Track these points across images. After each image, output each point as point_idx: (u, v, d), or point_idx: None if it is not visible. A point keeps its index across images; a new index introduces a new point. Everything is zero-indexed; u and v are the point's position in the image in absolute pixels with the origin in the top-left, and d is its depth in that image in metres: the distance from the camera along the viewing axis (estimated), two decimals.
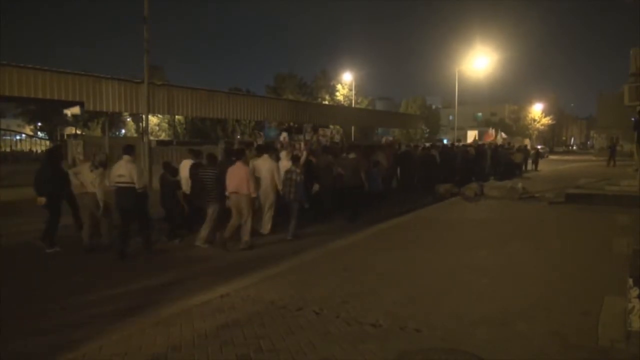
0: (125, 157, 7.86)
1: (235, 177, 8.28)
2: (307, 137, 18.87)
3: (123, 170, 7.72)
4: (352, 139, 36.30)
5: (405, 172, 16.57)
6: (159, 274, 6.72)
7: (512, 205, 12.98)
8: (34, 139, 29.09)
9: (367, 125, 39.50)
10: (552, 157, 37.82)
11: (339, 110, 38.04)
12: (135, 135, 45.87)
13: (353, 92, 48.04)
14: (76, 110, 17.31)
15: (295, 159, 9.67)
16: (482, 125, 66.46)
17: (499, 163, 22.37)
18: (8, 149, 23.78)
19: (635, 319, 4.01)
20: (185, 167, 9.36)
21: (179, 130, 46.54)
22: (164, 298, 5.59)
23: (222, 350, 3.97)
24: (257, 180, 8.80)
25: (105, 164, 8.27)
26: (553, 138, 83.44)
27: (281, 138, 15.81)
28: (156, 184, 9.96)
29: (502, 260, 7.08)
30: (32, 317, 5.11)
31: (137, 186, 7.70)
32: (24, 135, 30.54)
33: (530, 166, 27.51)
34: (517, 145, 30.60)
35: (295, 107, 29.94)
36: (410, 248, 7.85)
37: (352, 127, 39.50)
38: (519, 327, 4.43)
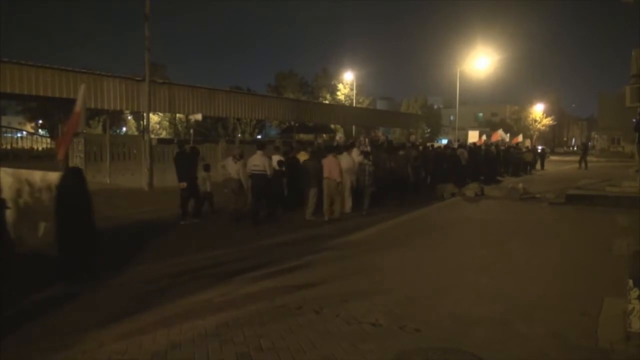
0: (259, 152, 10.64)
1: (329, 166, 10.94)
2: (361, 138, 21.94)
3: (258, 161, 10.43)
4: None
5: (436, 169, 17.53)
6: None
7: (512, 206, 12.99)
8: (35, 136, 29.10)
9: (368, 124, 39.47)
10: (553, 157, 37.84)
11: (340, 110, 38.05)
12: (136, 133, 45.89)
13: (354, 91, 48.02)
14: (198, 116, 18.19)
15: (365, 154, 12.42)
16: (482, 126, 66.47)
17: (509, 162, 23.81)
18: (9, 147, 23.78)
19: (635, 320, 4.02)
20: (275, 160, 11.67)
21: (180, 128, 46.55)
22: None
23: (222, 349, 3.98)
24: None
25: (242, 156, 11.07)
26: (554, 139, 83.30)
27: (337, 138, 17.62)
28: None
29: (502, 260, 7.09)
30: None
31: (267, 173, 10.36)
32: (24, 132, 30.54)
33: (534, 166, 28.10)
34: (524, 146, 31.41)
35: (296, 106, 29.94)
36: (410, 248, 7.86)
37: (353, 127, 39.49)
38: (519, 327, 4.44)
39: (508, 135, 32.19)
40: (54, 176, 6.89)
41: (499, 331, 4.35)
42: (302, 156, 12.47)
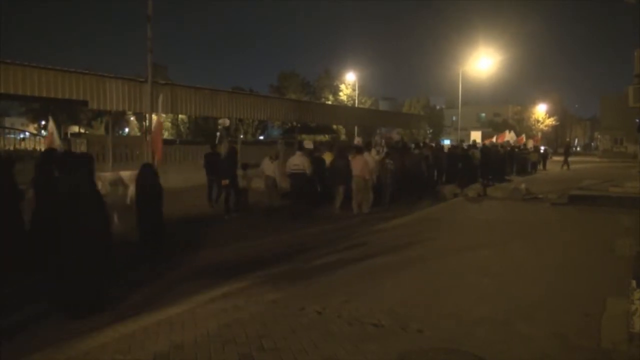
0: (298, 153, 11.60)
1: (358, 165, 11.77)
2: (377, 138, 22.84)
3: (298, 161, 11.27)
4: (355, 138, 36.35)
5: (451, 168, 18.21)
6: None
7: (514, 206, 12.97)
8: (38, 137, 29.17)
9: (370, 125, 39.43)
10: (555, 158, 37.70)
11: (342, 110, 38.00)
12: (138, 134, 45.94)
13: (356, 92, 48.00)
14: (227, 121, 18.67)
15: (387, 154, 13.44)
16: (485, 126, 66.28)
17: (513, 162, 24.54)
18: (12, 148, 23.87)
19: (638, 321, 4.01)
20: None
21: (182, 129, 46.61)
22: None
23: (225, 349, 3.99)
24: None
25: (279, 156, 12.06)
26: (556, 139, 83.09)
27: (355, 141, 18.74)
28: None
29: (504, 260, 7.08)
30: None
31: (307, 172, 11.21)
32: (27, 133, 30.64)
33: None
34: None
35: (299, 106, 29.86)
36: (412, 248, 7.86)
37: (356, 127, 39.47)
38: (521, 327, 4.44)
39: (512, 134, 32.50)
40: (126, 173, 8.60)
41: (501, 331, 4.36)
42: (328, 156, 12.96)
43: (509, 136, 30.49)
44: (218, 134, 24.15)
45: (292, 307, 4.98)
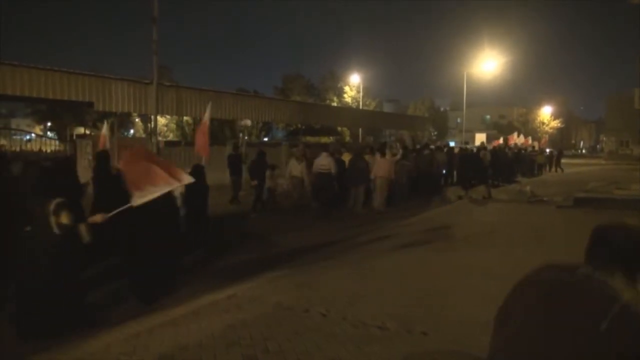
0: (324, 154, 12.05)
1: (381, 165, 12.31)
2: (393, 139, 23.48)
3: (324, 162, 11.78)
4: (360, 140, 36.37)
5: (462, 170, 18.27)
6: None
7: (519, 209, 12.93)
8: (44, 138, 29.28)
9: (374, 127, 39.43)
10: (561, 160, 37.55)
11: (346, 112, 38.01)
12: (143, 135, 46.08)
13: (361, 93, 47.99)
14: (248, 122, 19.23)
15: (403, 155, 14.19)
16: (490, 128, 66.14)
17: (519, 164, 24.78)
18: (18, 149, 23.97)
19: None
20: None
21: (187, 131, 46.69)
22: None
23: (229, 351, 3.99)
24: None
25: (303, 158, 12.67)
26: (562, 141, 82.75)
27: (363, 141, 19.11)
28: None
29: (509, 262, 7.04)
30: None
31: (333, 172, 11.69)
32: (33, 135, 30.73)
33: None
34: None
35: (303, 108, 29.88)
36: (417, 250, 7.84)
37: (360, 129, 39.48)
38: None
39: (521, 137, 32.70)
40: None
41: None
42: (346, 157, 13.31)
43: (517, 139, 30.69)
44: (241, 134, 24.33)
45: (296, 309, 4.98)
